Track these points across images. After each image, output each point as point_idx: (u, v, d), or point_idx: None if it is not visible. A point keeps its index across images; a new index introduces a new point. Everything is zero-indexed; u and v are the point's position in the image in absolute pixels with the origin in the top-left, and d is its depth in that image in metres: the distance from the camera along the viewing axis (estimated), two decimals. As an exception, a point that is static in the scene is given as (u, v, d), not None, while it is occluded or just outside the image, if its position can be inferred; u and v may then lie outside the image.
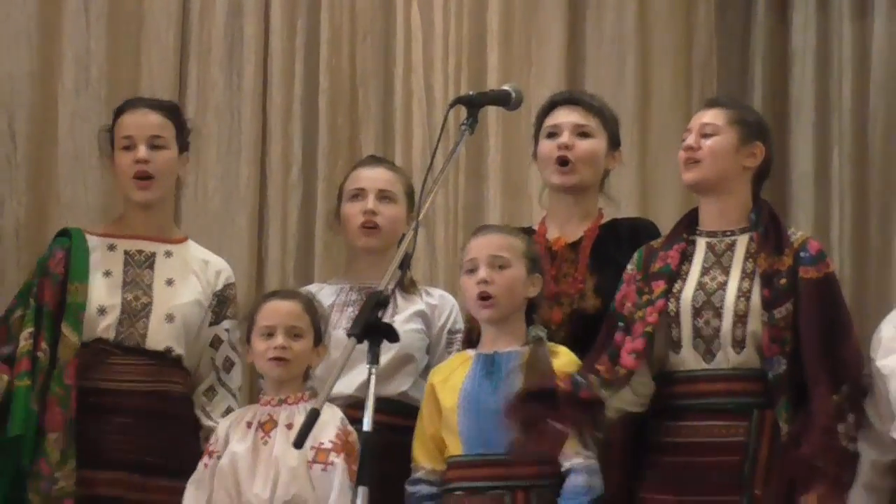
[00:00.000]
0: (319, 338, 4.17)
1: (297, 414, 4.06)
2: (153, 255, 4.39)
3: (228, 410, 4.34)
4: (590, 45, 5.91)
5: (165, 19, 5.11)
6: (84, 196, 4.81)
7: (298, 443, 3.35)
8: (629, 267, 4.12)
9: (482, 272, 4.02)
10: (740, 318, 3.93)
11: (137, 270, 4.36)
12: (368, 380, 3.30)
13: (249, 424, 4.10)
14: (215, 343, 4.39)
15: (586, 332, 4.12)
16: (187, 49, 5.18)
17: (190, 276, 4.38)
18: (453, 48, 5.60)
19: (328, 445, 4.00)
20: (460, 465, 3.98)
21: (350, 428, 4.03)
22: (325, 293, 4.42)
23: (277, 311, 4.14)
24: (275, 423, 4.08)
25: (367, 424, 3.28)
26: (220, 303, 4.42)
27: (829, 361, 3.88)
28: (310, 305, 4.20)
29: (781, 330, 3.89)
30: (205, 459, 4.10)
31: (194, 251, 4.46)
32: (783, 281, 3.92)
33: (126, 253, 4.37)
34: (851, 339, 3.95)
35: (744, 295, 3.95)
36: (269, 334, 4.11)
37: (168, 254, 4.40)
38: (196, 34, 5.20)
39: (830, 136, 6.15)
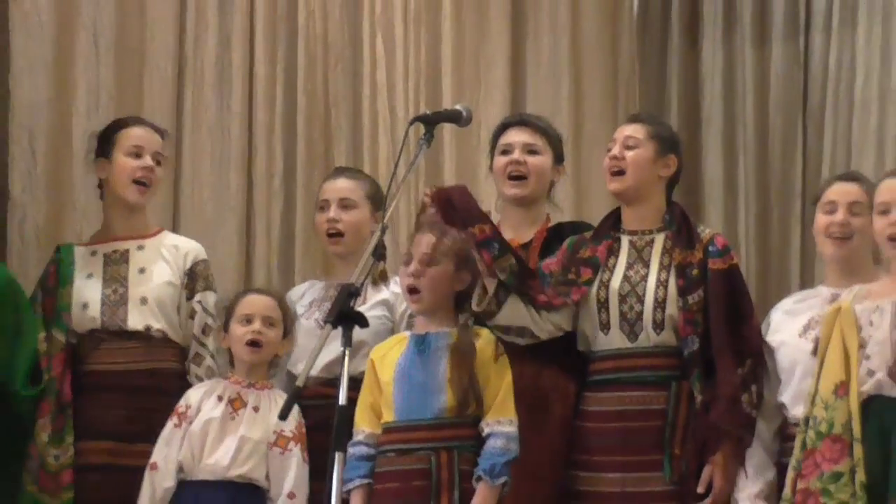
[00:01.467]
0: (287, 331, 4.28)
1: (262, 399, 4.19)
2: (127, 251, 4.48)
3: (209, 369, 4.41)
4: (530, 69, 6.00)
5: (164, 51, 5.13)
6: (96, 203, 4.78)
7: (283, 415, 3.50)
8: (564, 244, 4.22)
9: (412, 266, 4.02)
10: (659, 304, 4.04)
11: (115, 268, 4.46)
12: (343, 360, 3.37)
13: (220, 398, 4.19)
14: (192, 314, 4.47)
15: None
16: (183, 76, 5.19)
17: (160, 261, 4.46)
18: (413, 73, 5.66)
19: (289, 434, 4.12)
20: (393, 431, 3.98)
21: (302, 419, 4.15)
22: (311, 291, 4.53)
23: (256, 302, 4.26)
24: (243, 403, 4.18)
25: (342, 398, 3.35)
26: (191, 279, 4.48)
27: (733, 340, 3.99)
28: (281, 301, 4.32)
29: (694, 313, 4.01)
30: (174, 420, 4.18)
31: (166, 240, 4.54)
32: (695, 272, 4.04)
33: (105, 255, 4.48)
34: (753, 321, 4.07)
35: (662, 284, 4.06)
36: (248, 321, 4.20)
37: (140, 247, 4.50)
38: (191, 63, 5.21)
39: (736, 146, 6.28)
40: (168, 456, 4.13)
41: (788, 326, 4.08)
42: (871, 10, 6.02)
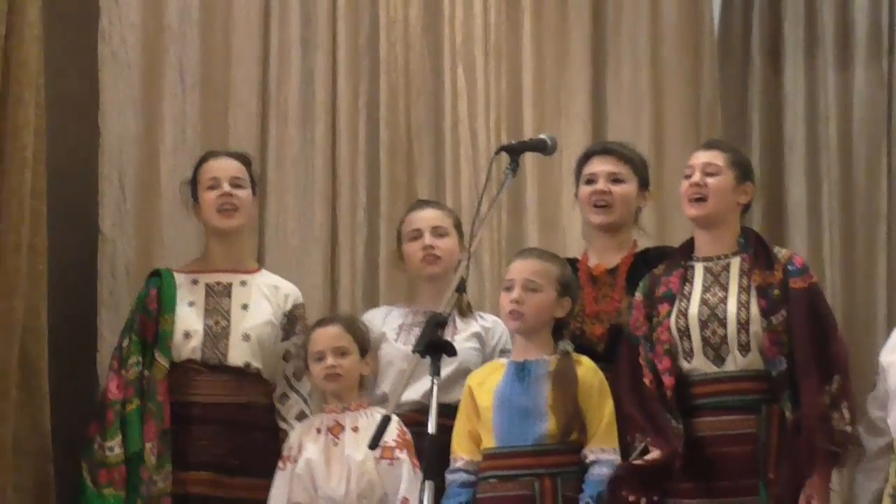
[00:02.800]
0: (365, 350, 4.28)
1: (360, 418, 4.23)
2: (230, 285, 4.54)
3: (301, 413, 4.47)
4: (611, 97, 5.99)
5: (248, 87, 5.21)
6: (183, 238, 4.87)
7: (373, 445, 3.47)
8: (637, 294, 4.20)
9: (515, 293, 4.07)
10: (742, 326, 4.00)
11: (217, 299, 4.51)
12: (431, 389, 3.37)
13: (319, 430, 4.23)
14: (287, 356, 4.52)
15: (623, 343, 4.26)
16: (267, 112, 5.26)
17: (262, 300, 4.53)
18: (494, 104, 5.68)
19: (392, 444, 4.12)
20: (494, 457, 4.03)
21: (405, 428, 4.17)
22: (394, 315, 4.56)
23: (323, 336, 4.28)
24: (342, 428, 4.21)
25: (431, 427, 3.35)
26: (290, 321, 4.55)
27: (818, 359, 3.95)
28: (351, 325, 4.32)
29: (779, 334, 3.98)
30: (280, 465, 4.24)
31: (266, 279, 4.61)
32: (776, 292, 4.01)
33: (207, 285, 4.53)
34: (837, 338, 4.03)
35: (743, 306, 4.02)
36: (320, 358, 4.24)
37: (243, 283, 4.55)
38: (274, 99, 5.28)
39: (820, 170, 6.24)
40: (277, 499, 4.18)
41: None
42: (957, 28, 6.05)
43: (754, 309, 4.00)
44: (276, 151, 5.25)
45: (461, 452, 4.08)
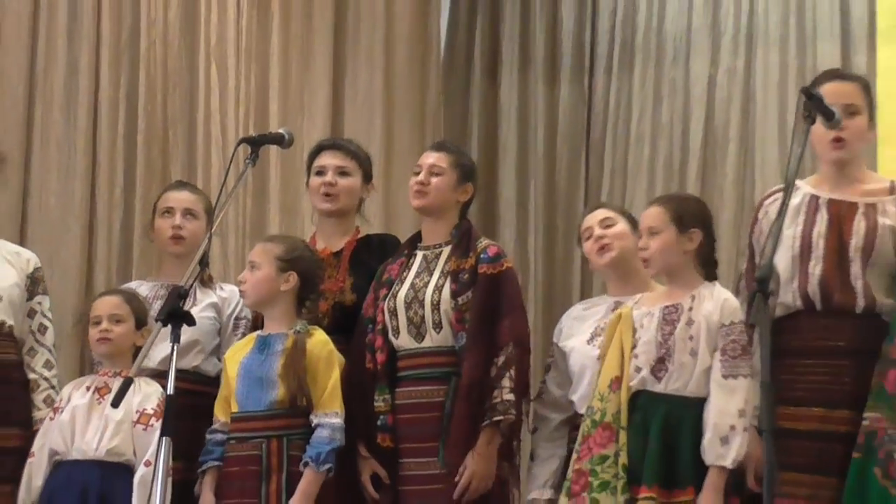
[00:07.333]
0: (142, 323, 4.27)
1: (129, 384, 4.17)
2: None
3: (47, 361, 4.40)
4: (348, 98, 6.11)
5: (16, 73, 5.17)
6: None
7: (115, 403, 3.58)
8: (374, 280, 4.27)
9: (243, 274, 4.21)
10: (435, 307, 4.10)
11: None
12: (171, 354, 3.38)
13: (88, 388, 4.23)
14: (31, 314, 4.43)
15: (345, 320, 4.30)
16: (34, 97, 5.22)
17: (6, 265, 4.40)
18: (243, 99, 5.74)
19: (150, 412, 4.14)
20: (236, 420, 4.12)
21: (164, 397, 4.02)
22: (143, 289, 4.52)
23: (101, 304, 4.29)
24: (109, 390, 4.17)
25: (169, 389, 3.37)
26: (33, 283, 4.44)
27: (487, 335, 4.01)
28: (130, 298, 4.32)
29: (463, 313, 4.06)
30: (51, 414, 4.22)
31: (6, 247, 4.48)
32: (466, 276, 4.09)
33: None
34: (512, 317, 4.05)
35: (438, 289, 4.12)
36: (97, 323, 4.24)
37: None
38: (41, 85, 5.24)
39: (528, 172, 6.49)
40: (43, 445, 4.14)
41: (578, 332, 4.17)
42: (646, 56, 6.27)
43: (446, 291, 4.08)
44: (41, 134, 5.20)
45: (219, 415, 4.15)
